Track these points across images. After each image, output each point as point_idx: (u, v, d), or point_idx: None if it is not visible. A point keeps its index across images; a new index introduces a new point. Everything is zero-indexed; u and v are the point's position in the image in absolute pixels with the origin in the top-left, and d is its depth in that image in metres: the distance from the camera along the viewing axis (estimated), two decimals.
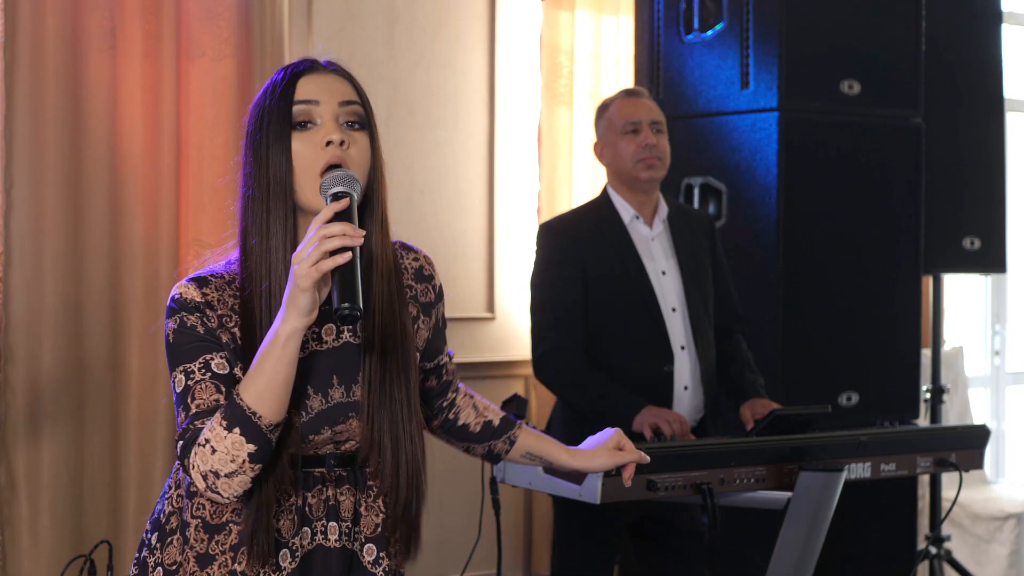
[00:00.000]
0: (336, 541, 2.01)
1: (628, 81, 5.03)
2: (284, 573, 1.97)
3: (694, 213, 3.82)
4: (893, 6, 4.32)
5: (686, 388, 3.57)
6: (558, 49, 5.07)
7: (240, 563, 1.96)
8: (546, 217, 4.99)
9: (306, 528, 1.99)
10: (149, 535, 2.03)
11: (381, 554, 2.05)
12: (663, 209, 3.65)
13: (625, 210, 3.61)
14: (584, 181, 5.11)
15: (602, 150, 3.67)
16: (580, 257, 3.55)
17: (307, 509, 1.99)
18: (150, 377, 3.96)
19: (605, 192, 3.67)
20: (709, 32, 4.25)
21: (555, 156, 5.06)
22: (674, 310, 3.59)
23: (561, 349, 3.53)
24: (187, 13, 4.05)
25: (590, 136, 5.13)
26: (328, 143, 1.94)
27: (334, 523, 2.01)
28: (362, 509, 2.04)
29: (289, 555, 1.98)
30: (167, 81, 4.00)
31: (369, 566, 2.04)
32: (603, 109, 3.69)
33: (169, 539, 1.99)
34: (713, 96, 4.22)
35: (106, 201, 3.93)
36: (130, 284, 3.96)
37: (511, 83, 5.01)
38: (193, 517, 1.98)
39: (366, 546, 2.04)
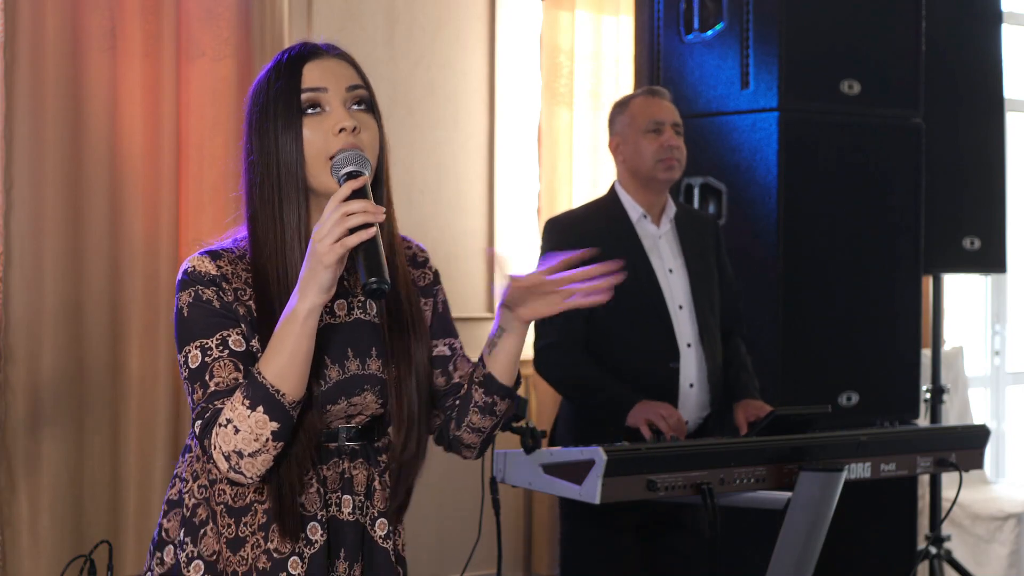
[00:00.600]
0: (350, 514, 2.02)
1: (628, 81, 5.03)
2: (317, 546, 1.98)
3: (701, 215, 3.83)
4: (893, 6, 4.32)
5: (692, 385, 3.57)
6: (558, 49, 5.07)
7: (272, 541, 1.96)
8: (546, 217, 4.99)
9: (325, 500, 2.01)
10: (179, 532, 2.01)
11: (391, 529, 2.06)
12: (671, 209, 3.66)
13: (633, 208, 3.62)
14: (584, 181, 5.11)
15: (618, 146, 3.65)
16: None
17: (325, 482, 2.00)
18: (150, 377, 3.96)
19: (613, 190, 3.67)
20: (709, 32, 4.25)
21: (555, 156, 5.06)
22: (681, 308, 3.59)
23: (560, 344, 3.54)
24: (187, 13, 4.05)
25: (590, 136, 5.15)
26: (341, 130, 1.94)
27: (348, 496, 2.02)
28: (376, 484, 2.04)
29: (319, 528, 1.98)
30: (167, 81, 4.00)
31: (380, 541, 2.04)
32: (623, 106, 3.68)
33: (202, 530, 1.98)
34: (713, 96, 4.22)
35: (106, 201, 3.93)
36: (130, 284, 3.96)
37: (511, 83, 5.01)
38: (217, 504, 1.98)
39: (378, 521, 2.05)
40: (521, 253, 5.03)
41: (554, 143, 5.06)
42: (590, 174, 5.13)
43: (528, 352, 5.15)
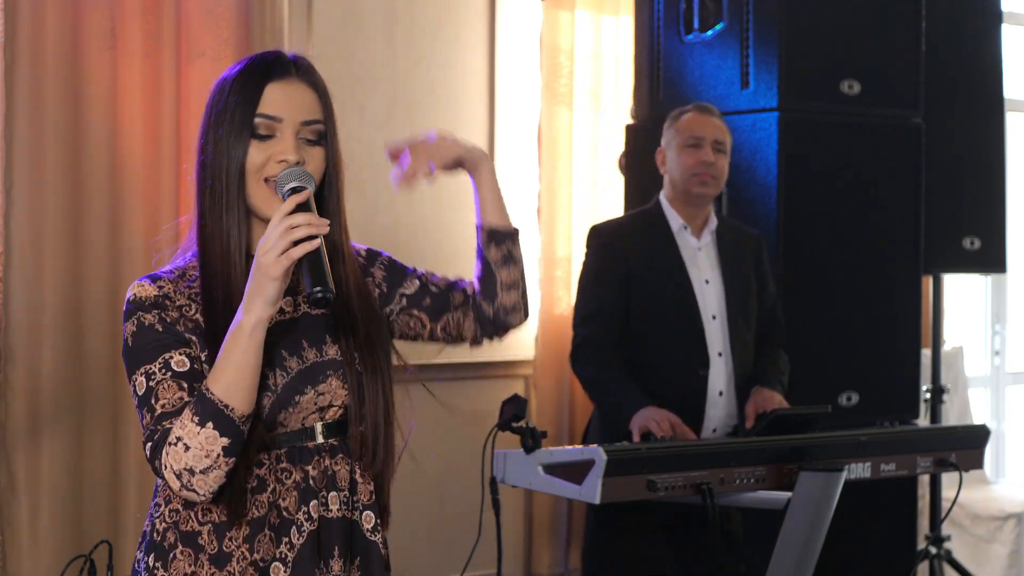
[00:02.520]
0: (337, 511, 2.03)
1: (628, 81, 5.03)
2: (296, 550, 1.98)
3: (744, 231, 3.86)
4: (893, 6, 4.31)
5: (721, 393, 3.61)
6: (558, 49, 5.06)
7: (257, 552, 1.97)
8: (546, 217, 5.01)
9: (314, 501, 2.01)
10: (144, 558, 2.01)
11: (378, 521, 2.08)
12: (712, 222, 3.73)
13: (674, 219, 3.70)
14: (584, 181, 5.11)
15: (663, 159, 3.75)
16: (624, 260, 3.64)
17: (310, 482, 2.01)
18: None
19: (657, 201, 3.74)
20: (709, 32, 4.25)
21: (555, 156, 5.06)
22: (714, 318, 3.64)
23: (588, 345, 3.62)
24: (187, 13, 4.05)
25: (590, 136, 5.15)
26: (282, 161, 1.98)
27: (334, 493, 2.03)
28: (357, 476, 2.06)
29: (296, 531, 1.99)
30: (167, 81, 4.00)
31: (368, 534, 2.06)
32: (673, 119, 3.76)
33: (171, 554, 1.98)
34: (713, 96, 4.22)
35: (106, 201, 3.93)
36: (130, 284, 3.95)
37: (511, 83, 5.01)
38: (201, 524, 1.98)
39: (364, 513, 2.06)
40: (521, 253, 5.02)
41: (554, 143, 5.06)
42: (590, 174, 5.13)
43: (530, 352, 5.13)
